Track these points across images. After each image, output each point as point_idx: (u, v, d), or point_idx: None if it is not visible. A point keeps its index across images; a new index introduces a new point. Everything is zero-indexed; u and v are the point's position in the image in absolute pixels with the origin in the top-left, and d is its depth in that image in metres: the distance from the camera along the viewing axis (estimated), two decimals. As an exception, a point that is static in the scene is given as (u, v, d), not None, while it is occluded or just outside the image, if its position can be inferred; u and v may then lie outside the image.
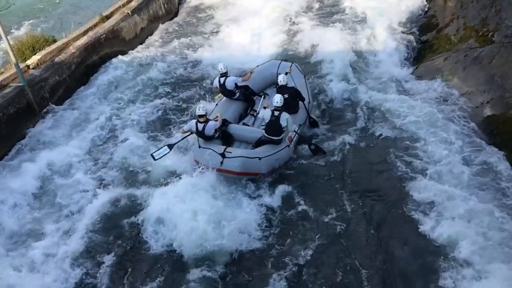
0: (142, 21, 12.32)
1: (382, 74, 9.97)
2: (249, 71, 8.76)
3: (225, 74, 8.21)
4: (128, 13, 11.71)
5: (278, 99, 7.28)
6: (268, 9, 13.29)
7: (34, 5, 15.16)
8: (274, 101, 7.29)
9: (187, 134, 7.60)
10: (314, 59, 10.67)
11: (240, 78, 8.34)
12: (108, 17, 11.42)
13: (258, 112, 8.25)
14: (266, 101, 8.43)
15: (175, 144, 7.67)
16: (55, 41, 10.09)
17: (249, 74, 8.59)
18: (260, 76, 8.88)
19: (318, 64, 10.43)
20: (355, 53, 10.67)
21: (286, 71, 8.51)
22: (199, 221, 6.14)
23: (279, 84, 8.02)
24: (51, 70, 9.19)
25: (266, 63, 9.37)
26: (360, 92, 9.23)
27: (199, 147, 7.25)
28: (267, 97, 8.66)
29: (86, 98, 9.65)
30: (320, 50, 10.82)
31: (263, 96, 8.73)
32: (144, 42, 12.17)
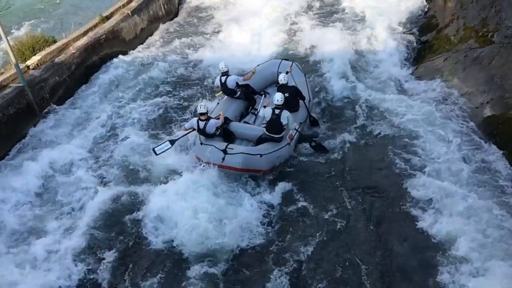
0: (142, 21, 12.31)
1: (382, 74, 9.97)
2: (250, 71, 8.78)
3: (226, 73, 8.23)
4: (128, 13, 11.71)
5: (279, 97, 7.33)
6: (268, 8, 13.26)
7: (34, 5, 15.16)
8: (275, 99, 7.33)
9: (189, 130, 7.62)
10: (314, 58, 10.66)
11: (241, 77, 8.36)
12: (108, 17, 11.42)
13: (258, 111, 8.27)
14: (266, 100, 8.46)
15: (177, 140, 7.67)
16: (55, 41, 10.09)
17: (250, 74, 8.61)
18: (261, 75, 8.89)
19: (318, 63, 10.43)
20: (355, 53, 10.68)
21: (287, 70, 8.51)
22: (200, 219, 6.18)
23: (279, 83, 8.04)
24: (51, 71, 9.19)
25: (267, 62, 9.38)
26: (360, 91, 9.24)
27: (201, 144, 7.27)
28: (268, 96, 8.67)
29: (87, 97, 9.67)
30: (320, 49, 10.81)
31: (264, 95, 8.75)
32: (144, 42, 12.16)
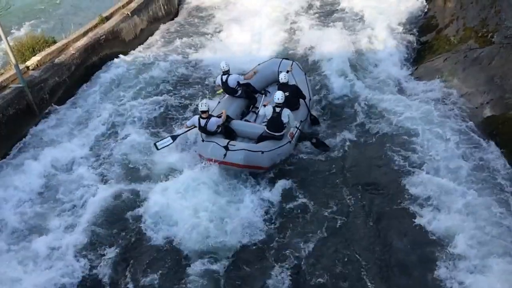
0: (142, 22, 12.31)
1: (381, 74, 9.98)
2: (252, 71, 8.82)
3: (227, 72, 8.29)
4: (128, 14, 11.70)
5: (279, 95, 7.38)
6: (268, 8, 13.26)
7: (35, 5, 15.16)
8: (276, 97, 7.38)
9: (191, 128, 7.69)
10: (315, 57, 10.68)
11: (242, 76, 8.41)
12: (108, 18, 11.41)
13: (259, 110, 8.32)
14: (267, 98, 8.53)
15: (179, 135, 7.75)
16: (55, 42, 10.08)
17: (251, 73, 8.66)
18: (262, 74, 8.94)
19: (318, 62, 10.45)
20: (355, 52, 10.68)
21: (287, 69, 8.56)
22: (200, 217, 6.26)
23: (280, 81, 8.09)
24: (51, 71, 9.19)
25: (267, 61, 9.41)
26: (360, 91, 9.27)
27: (202, 141, 7.34)
28: (269, 94, 8.74)
29: (88, 96, 9.69)
30: (320, 49, 10.81)
31: (265, 93, 8.82)
32: (144, 43, 12.14)
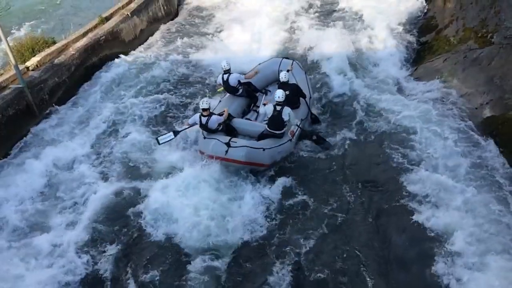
0: (142, 22, 12.31)
1: (381, 74, 10.00)
2: (253, 70, 8.88)
3: (228, 71, 8.34)
4: (127, 14, 11.70)
5: (280, 94, 7.44)
6: (269, 8, 13.29)
7: (35, 6, 15.17)
8: (276, 96, 7.44)
9: (192, 125, 7.75)
10: (315, 57, 10.71)
11: (242, 76, 8.47)
12: (107, 18, 11.41)
13: (259, 109, 8.37)
14: (267, 97, 8.61)
15: (181, 131, 7.82)
16: (54, 42, 10.08)
17: (252, 73, 8.73)
18: (262, 74, 9.00)
19: (318, 62, 10.49)
20: (355, 52, 10.71)
21: (288, 69, 8.61)
22: (202, 215, 6.35)
23: (280, 80, 8.14)
24: (51, 72, 9.19)
25: (268, 61, 9.48)
26: (360, 90, 9.29)
27: (204, 138, 7.41)
28: (269, 93, 8.80)
29: (88, 96, 9.72)
30: (321, 49, 10.84)
31: (265, 92, 8.89)
32: (143, 43, 12.14)
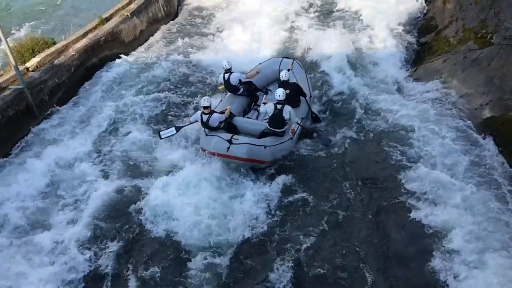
0: (142, 23, 12.32)
1: (381, 74, 10.02)
2: (254, 70, 8.95)
3: (229, 70, 8.40)
4: (127, 15, 11.72)
5: (280, 92, 7.49)
6: (269, 8, 13.32)
7: (35, 6, 15.19)
8: (277, 95, 7.49)
9: (194, 122, 7.82)
10: (315, 57, 10.78)
11: (244, 75, 8.55)
12: (107, 19, 11.42)
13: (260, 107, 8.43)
14: (268, 97, 8.67)
15: (182, 127, 7.93)
16: (54, 43, 10.08)
17: (254, 72, 8.79)
18: (263, 73, 9.07)
19: (318, 62, 10.55)
20: (355, 52, 10.74)
21: (288, 68, 8.68)
22: (202, 213, 6.45)
23: (281, 79, 8.20)
24: (51, 73, 9.20)
25: (268, 60, 9.56)
26: (359, 90, 9.33)
27: (206, 135, 7.47)
28: (270, 92, 8.87)
29: (89, 95, 9.77)
30: (321, 48, 10.90)
31: (266, 92, 8.96)
32: (143, 44, 12.17)
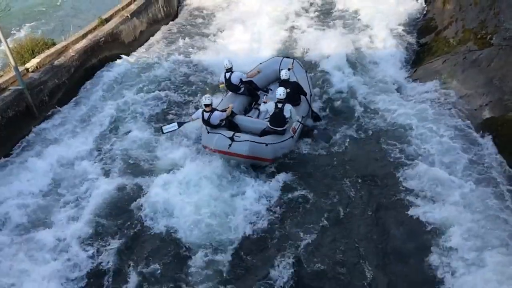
0: (142, 24, 12.32)
1: (381, 75, 10.04)
2: (255, 69, 9.02)
3: (230, 69, 8.48)
4: (127, 16, 11.72)
5: (281, 91, 7.54)
6: (269, 8, 13.34)
7: (35, 7, 15.21)
8: (277, 93, 7.54)
9: (196, 119, 7.90)
10: (315, 56, 10.82)
11: (244, 74, 8.62)
12: (107, 20, 11.41)
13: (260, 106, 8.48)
14: (268, 96, 8.75)
15: (185, 123, 8.04)
16: (54, 44, 10.08)
17: (255, 72, 8.86)
18: (264, 73, 9.14)
19: (318, 62, 10.59)
20: (355, 53, 10.77)
21: (289, 67, 8.75)
22: (203, 211, 6.53)
23: (281, 78, 8.27)
24: (50, 73, 9.19)
25: (269, 60, 9.64)
26: (359, 90, 9.38)
27: (208, 132, 7.54)
28: (271, 92, 8.94)
29: (90, 95, 9.79)
30: (321, 48, 10.93)
31: (266, 91, 9.03)
32: (143, 44, 12.16)
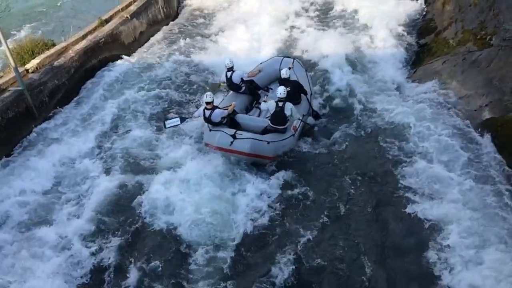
0: (141, 25, 12.34)
1: (380, 75, 10.04)
2: (256, 69, 9.10)
3: (231, 68, 8.53)
4: (127, 17, 11.73)
5: (281, 90, 7.59)
6: (269, 8, 13.37)
7: (35, 8, 15.25)
8: (278, 92, 7.59)
9: (198, 116, 7.95)
10: (315, 56, 10.87)
11: (245, 73, 8.68)
12: (107, 21, 11.43)
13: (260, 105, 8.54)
14: (269, 95, 8.81)
15: (187, 118, 8.14)
16: (54, 45, 10.09)
17: (256, 71, 8.95)
18: (264, 72, 9.21)
19: (318, 61, 10.63)
20: (354, 53, 10.79)
21: (289, 66, 8.82)
22: (205, 208, 6.53)
23: (282, 77, 8.32)
24: (50, 74, 9.20)
25: (269, 60, 9.72)
26: (359, 90, 9.41)
27: (210, 130, 7.59)
28: (271, 91, 9.01)
29: (92, 94, 9.83)
30: (321, 49, 10.95)
31: (267, 90, 9.10)
32: (143, 45, 12.17)
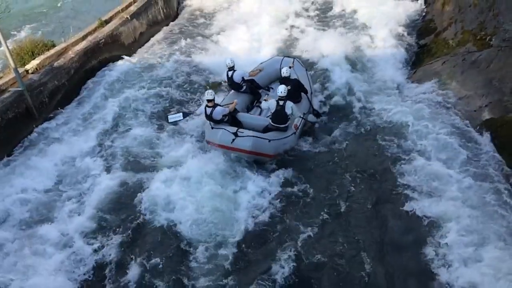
0: (141, 25, 12.35)
1: (380, 76, 10.05)
2: (257, 68, 9.18)
3: (232, 68, 8.60)
4: (127, 17, 11.74)
5: (282, 89, 7.64)
6: (269, 8, 13.39)
7: (35, 9, 15.28)
8: (278, 91, 7.64)
9: (199, 114, 8.06)
10: (315, 57, 10.90)
11: (247, 73, 8.75)
12: (107, 21, 11.45)
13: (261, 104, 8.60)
14: (270, 94, 8.87)
15: (189, 114, 8.34)
16: (54, 45, 10.10)
17: (257, 71, 9.03)
18: (265, 71, 9.29)
19: (318, 61, 10.67)
20: (354, 53, 10.81)
21: (289, 66, 8.89)
22: (205, 206, 6.59)
23: (282, 75, 8.38)
24: (50, 75, 9.21)
25: (270, 59, 9.81)
26: (358, 90, 9.45)
27: (211, 128, 7.64)
28: (272, 90, 9.09)
29: (93, 93, 9.87)
30: (321, 49, 10.98)
31: (268, 89, 9.19)
32: (143, 46, 12.19)
